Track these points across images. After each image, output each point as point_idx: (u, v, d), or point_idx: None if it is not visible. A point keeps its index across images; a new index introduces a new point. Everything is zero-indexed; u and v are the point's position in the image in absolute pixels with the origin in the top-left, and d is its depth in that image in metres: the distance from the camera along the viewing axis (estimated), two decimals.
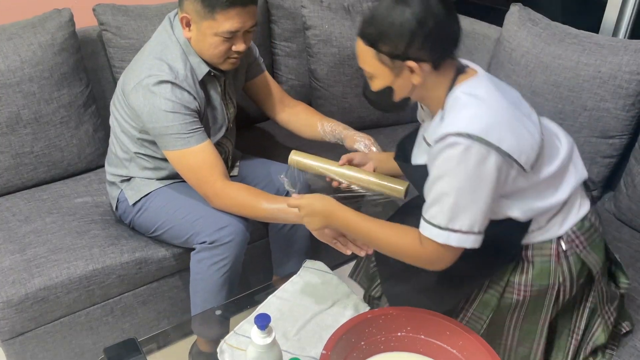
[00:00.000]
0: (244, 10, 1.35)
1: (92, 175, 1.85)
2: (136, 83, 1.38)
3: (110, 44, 1.84)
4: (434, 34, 1.02)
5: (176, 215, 1.49)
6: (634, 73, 1.58)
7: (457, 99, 1.05)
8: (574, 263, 1.16)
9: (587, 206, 1.19)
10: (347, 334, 1.15)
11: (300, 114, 1.72)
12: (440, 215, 1.05)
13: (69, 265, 1.46)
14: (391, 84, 1.09)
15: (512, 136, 1.01)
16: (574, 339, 1.23)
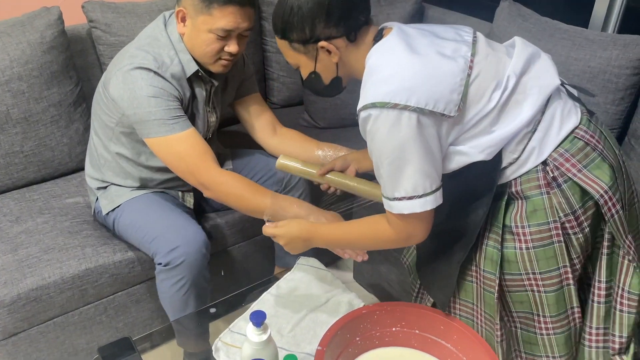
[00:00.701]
0: (240, 9, 1.33)
1: (83, 175, 1.81)
2: (117, 70, 1.36)
3: (100, 42, 1.83)
4: (335, 7, 1.02)
5: (138, 235, 1.47)
6: (623, 67, 1.59)
7: (367, 69, 1.03)
8: (570, 190, 1.04)
9: (574, 120, 1.06)
10: (342, 329, 1.16)
11: (294, 140, 1.63)
12: (384, 188, 1.04)
13: (61, 264, 1.45)
14: (315, 69, 1.10)
15: (422, 88, 0.96)
16: (596, 299, 1.11)
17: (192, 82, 1.44)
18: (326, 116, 2.12)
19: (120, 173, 1.52)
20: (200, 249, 1.41)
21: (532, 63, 1.07)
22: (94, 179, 1.56)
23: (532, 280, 1.08)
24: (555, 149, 1.04)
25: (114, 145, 1.48)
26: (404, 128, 0.96)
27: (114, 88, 1.36)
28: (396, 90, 0.96)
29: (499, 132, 1.02)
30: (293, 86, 2.23)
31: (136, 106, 1.34)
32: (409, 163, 0.99)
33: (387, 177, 1.02)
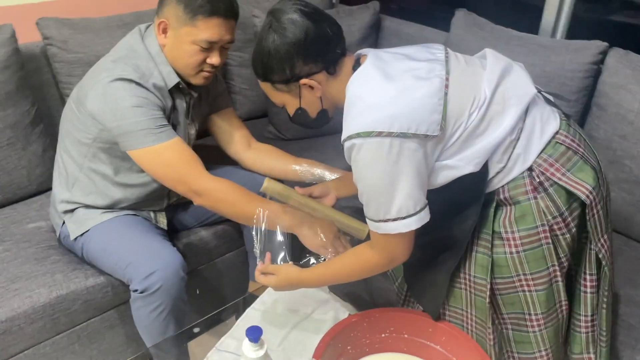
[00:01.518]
0: (224, 22, 1.34)
1: (44, 198, 1.76)
2: (94, 83, 1.32)
3: (56, 59, 1.76)
4: (310, 46, 1.05)
5: (110, 261, 1.42)
6: (575, 71, 1.68)
7: (347, 100, 1.05)
8: (556, 193, 1.07)
9: (554, 125, 1.09)
10: (334, 339, 1.16)
11: (270, 154, 1.63)
12: (370, 211, 1.07)
13: (31, 293, 1.38)
14: (300, 106, 1.13)
15: (402, 113, 0.98)
16: (588, 290, 1.15)
17: (172, 93, 1.42)
18: (291, 127, 2.12)
19: (91, 193, 1.46)
20: (178, 272, 1.37)
21: (507, 73, 1.10)
22: (62, 202, 1.49)
23: (523, 281, 1.11)
24: (539, 155, 1.07)
25: (89, 162, 1.43)
26: (389, 155, 0.98)
27: (93, 102, 1.32)
28: (378, 119, 0.98)
29: (484, 143, 1.04)
30: (256, 99, 2.22)
31: (120, 118, 1.30)
32: (395, 188, 1.01)
33: (373, 201, 1.04)
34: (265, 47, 1.07)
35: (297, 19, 1.05)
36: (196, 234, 1.67)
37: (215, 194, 1.35)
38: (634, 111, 1.55)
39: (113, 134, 1.34)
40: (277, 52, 1.06)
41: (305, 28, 1.05)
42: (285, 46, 1.05)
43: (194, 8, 1.31)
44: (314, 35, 1.05)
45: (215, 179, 1.37)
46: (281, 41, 1.05)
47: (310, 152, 2.03)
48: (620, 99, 1.58)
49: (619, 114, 1.58)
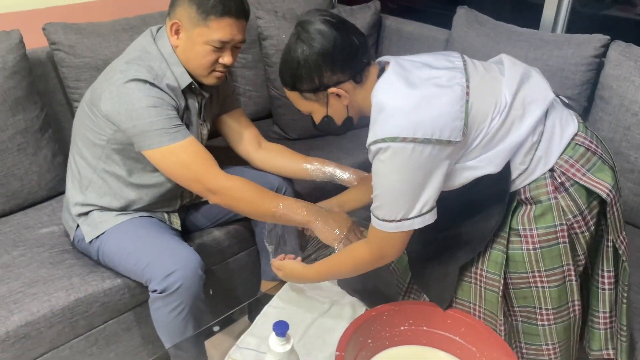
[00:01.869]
0: (236, 22, 1.36)
1: (54, 203, 1.76)
2: (108, 85, 1.33)
3: (64, 64, 1.77)
4: (338, 55, 1.08)
5: (127, 262, 1.43)
6: (578, 65, 1.71)
7: (373, 107, 1.08)
8: (577, 193, 1.11)
9: (573, 127, 1.13)
10: (356, 333, 1.17)
11: (281, 153, 1.65)
12: (377, 209, 1.11)
13: (49, 297, 1.38)
14: (327, 114, 1.16)
15: (426, 120, 1.02)
16: (607, 287, 1.19)
17: (185, 94, 1.43)
18: (296, 127, 2.14)
19: (105, 195, 1.47)
20: (197, 271, 1.39)
21: (526, 79, 1.13)
22: (76, 205, 1.49)
23: (537, 277, 1.14)
24: (560, 156, 1.10)
25: (103, 164, 1.44)
26: (412, 159, 1.02)
27: (107, 103, 1.33)
28: (403, 124, 1.01)
29: (505, 145, 1.07)
30: (259, 100, 2.23)
31: (135, 118, 1.31)
32: (414, 191, 1.06)
33: (390, 202, 1.08)
34: (295, 58, 1.09)
35: (324, 29, 1.08)
36: (209, 234, 1.68)
37: (230, 192, 1.37)
38: (637, 102, 1.58)
39: (128, 135, 1.35)
40: (306, 62, 1.08)
41: (333, 38, 1.08)
42: (314, 56, 1.08)
43: (207, 9, 1.33)
44: (341, 45, 1.08)
45: (230, 177, 1.38)
46: (310, 51, 1.08)
47: (316, 151, 2.05)
48: (624, 90, 1.61)
49: (622, 106, 1.61)
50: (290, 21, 2.07)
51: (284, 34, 2.05)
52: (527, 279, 1.16)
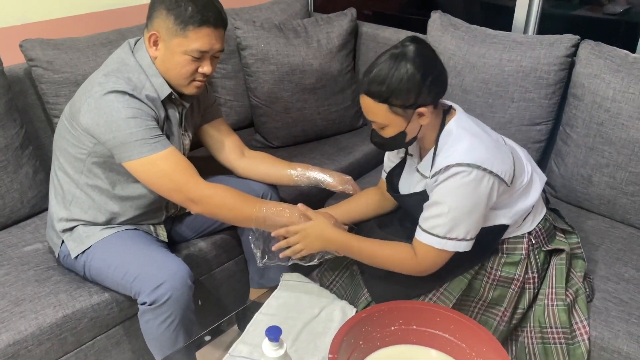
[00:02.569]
0: (214, 31, 1.37)
1: (37, 220, 1.75)
2: (87, 98, 1.33)
3: (42, 80, 1.76)
4: (435, 81, 1.20)
5: (115, 276, 1.42)
6: (551, 64, 1.76)
7: (451, 133, 1.25)
8: (539, 256, 1.38)
9: (544, 208, 1.43)
10: (348, 335, 1.18)
11: (265, 160, 1.67)
12: (439, 227, 1.24)
13: (36, 315, 1.37)
14: (404, 129, 1.24)
15: (497, 160, 1.21)
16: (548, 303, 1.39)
17: (165, 104, 1.44)
18: (279, 135, 2.15)
19: (90, 209, 1.46)
20: (186, 281, 1.38)
21: (531, 160, 1.41)
22: (60, 220, 1.48)
23: (479, 305, 1.38)
24: (537, 224, 1.38)
25: (85, 178, 1.43)
26: (483, 187, 1.20)
27: (86, 116, 1.33)
28: (483, 157, 1.20)
29: (524, 205, 1.32)
30: (241, 109, 2.24)
31: (115, 129, 1.31)
32: (473, 215, 1.22)
33: (449, 221, 1.22)
34: (398, 74, 1.16)
35: (428, 54, 1.19)
36: (195, 245, 1.68)
37: (212, 200, 1.38)
38: (609, 99, 1.63)
39: (108, 147, 1.34)
40: (409, 80, 1.16)
41: (436, 63, 1.21)
42: (418, 76, 1.16)
43: (185, 19, 1.33)
44: (439, 71, 1.21)
45: (211, 185, 1.39)
46: (414, 71, 1.16)
47: (298, 157, 2.07)
48: (595, 88, 1.66)
49: (595, 103, 1.66)
50: (268, 30, 2.09)
51: (263, 44, 2.06)
52: (470, 304, 1.37)
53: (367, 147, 2.19)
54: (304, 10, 2.38)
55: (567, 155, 1.77)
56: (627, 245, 1.62)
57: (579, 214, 1.77)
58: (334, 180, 1.62)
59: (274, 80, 2.08)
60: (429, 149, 1.31)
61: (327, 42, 2.15)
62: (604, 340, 1.35)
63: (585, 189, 1.75)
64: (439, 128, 1.28)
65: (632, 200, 1.66)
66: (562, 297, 1.36)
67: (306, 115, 2.15)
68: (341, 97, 2.21)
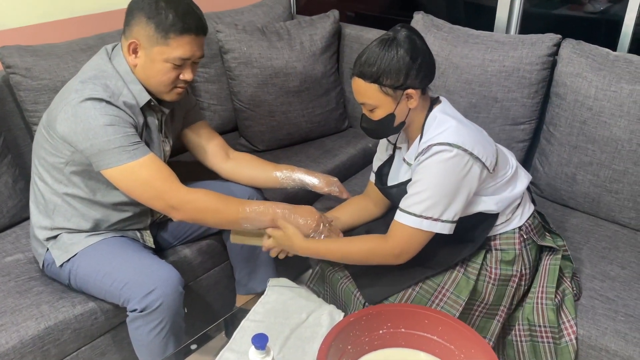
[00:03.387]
0: (196, 38, 1.36)
1: (18, 230, 1.71)
2: (64, 105, 1.31)
3: (20, 87, 1.72)
4: (423, 65, 1.25)
5: (103, 283, 1.40)
6: (533, 64, 1.77)
7: (435, 118, 1.30)
8: (532, 250, 1.40)
9: (532, 206, 1.46)
10: (336, 340, 1.17)
11: (251, 162, 1.65)
12: (415, 205, 1.26)
13: (18, 327, 1.34)
14: (393, 111, 1.28)
15: (479, 144, 1.25)
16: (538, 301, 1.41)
17: (144, 111, 1.42)
18: (264, 139, 2.14)
19: (73, 216, 1.44)
20: (177, 288, 1.37)
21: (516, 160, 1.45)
22: (43, 229, 1.46)
23: (480, 307, 1.38)
24: (526, 220, 1.40)
25: (64, 187, 1.41)
26: (463, 168, 1.23)
27: (63, 124, 1.30)
28: (465, 139, 1.24)
29: (510, 194, 1.35)
30: (224, 113, 2.22)
31: (92, 137, 1.28)
32: (452, 195, 1.24)
33: (426, 199, 1.24)
34: (388, 56, 1.22)
35: (416, 40, 1.25)
36: (180, 252, 1.66)
37: (193, 205, 1.36)
38: (591, 97, 1.64)
39: (86, 155, 1.32)
40: (398, 61, 1.22)
41: (425, 49, 1.27)
42: (407, 59, 1.22)
43: (166, 27, 1.32)
44: (428, 57, 1.27)
45: (191, 191, 1.37)
46: (404, 54, 1.22)
47: (284, 160, 2.06)
48: (577, 86, 1.67)
49: (577, 101, 1.67)
50: (250, 34, 2.07)
51: (245, 47, 2.05)
52: (472, 307, 1.37)
53: (353, 150, 2.19)
54: (286, 12, 2.37)
55: (551, 154, 1.78)
56: (612, 243, 1.63)
57: (564, 213, 1.78)
58: (320, 182, 1.61)
59: (257, 84, 2.07)
60: (415, 137, 1.35)
61: (310, 44, 2.14)
62: (592, 339, 1.35)
63: (569, 188, 1.76)
64: (425, 116, 1.32)
65: (616, 197, 1.67)
66: (551, 297, 1.37)
67: (291, 118, 2.14)
68: (325, 99, 2.20)
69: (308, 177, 1.60)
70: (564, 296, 1.40)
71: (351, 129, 2.37)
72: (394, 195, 1.41)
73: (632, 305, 1.40)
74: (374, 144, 2.25)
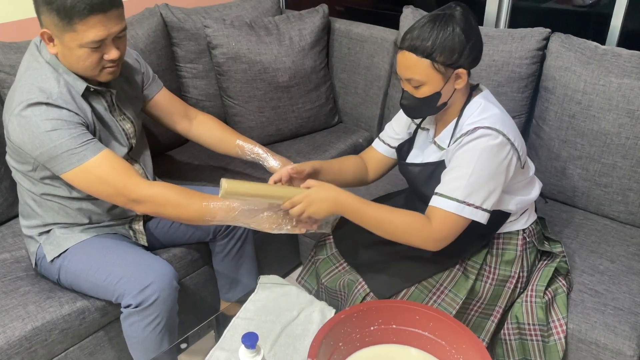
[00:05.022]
0: (105, 16, 1.24)
1: (4, 229, 1.69)
2: (9, 116, 1.27)
3: (5, 85, 1.70)
4: (476, 45, 1.24)
5: (96, 278, 1.38)
6: (522, 58, 1.77)
7: (480, 103, 1.28)
8: (532, 254, 1.41)
9: (535, 214, 1.47)
10: (327, 337, 1.16)
11: (213, 129, 1.69)
12: (458, 190, 1.23)
13: (4, 328, 1.32)
14: (440, 89, 1.25)
15: (518, 138, 1.26)
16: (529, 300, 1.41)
17: (87, 98, 1.36)
18: (253, 135, 2.12)
19: (59, 210, 1.42)
20: (172, 283, 1.37)
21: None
22: (34, 227, 1.45)
23: (476, 307, 1.37)
24: (530, 224, 1.41)
25: (41, 190, 1.39)
26: (505, 157, 1.22)
27: (13, 135, 1.27)
28: (509, 129, 1.23)
29: (528, 197, 1.36)
30: (213, 109, 2.20)
31: (39, 145, 1.25)
32: (492, 183, 1.23)
33: (469, 184, 1.22)
34: (444, 33, 1.19)
35: (472, 20, 1.24)
36: (170, 251, 1.64)
37: (155, 199, 1.32)
38: (580, 91, 1.64)
39: (40, 162, 1.30)
40: (454, 39, 1.20)
41: (477, 30, 1.25)
42: (462, 37, 1.20)
43: (68, 12, 1.21)
44: (478, 38, 1.25)
45: (152, 184, 1.34)
46: (459, 31, 1.20)
47: None
48: (566, 80, 1.67)
49: (566, 95, 1.67)
50: (239, 29, 2.05)
51: (234, 42, 2.03)
52: (469, 306, 1.35)
53: (343, 145, 2.18)
54: (275, 7, 2.35)
55: (541, 148, 1.78)
56: (602, 237, 1.64)
57: (554, 207, 1.79)
58: (277, 164, 1.59)
59: (246, 79, 2.05)
60: (450, 120, 1.33)
61: (299, 39, 2.12)
62: (582, 332, 1.36)
63: (559, 182, 1.76)
64: (465, 100, 1.31)
65: (605, 191, 1.68)
66: (540, 295, 1.37)
67: (280, 114, 2.12)
68: (315, 94, 2.19)
69: (267, 155, 1.61)
70: (556, 295, 1.40)
71: (341, 124, 2.36)
72: (415, 174, 1.38)
73: (621, 299, 1.41)
74: (364, 139, 2.25)
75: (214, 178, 1.92)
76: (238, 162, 1.79)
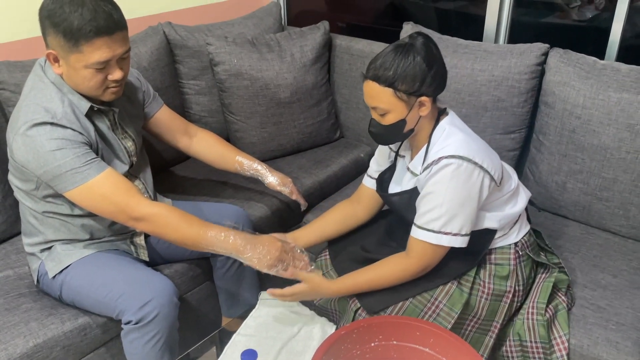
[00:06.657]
0: (110, 38, 1.27)
1: (8, 246, 1.70)
2: (14, 135, 1.29)
3: (10, 103, 1.72)
4: (438, 73, 1.27)
5: (97, 295, 1.39)
6: (522, 73, 1.78)
7: (444, 129, 1.31)
8: (527, 267, 1.40)
9: (528, 224, 1.48)
10: (326, 354, 1.16)
11: (213, 146, 1.73)
12: (434, 222, 1.27)
13: (6, 345, 1.32)
14: (404, 117, 1.28)
15: (487, 157, 1.27)
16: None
17: (91, 117, 1.38)
18: (255, 150, 2.14)
19: (61, 227, 1.44)
20: (172, 299, 1.37)
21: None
22: (36, 245, 1.46)
23: (472, 322, 1.37)
24: (522, 237, 1.41)
25: (42, 207, 1.41)
26: (474, 181, 1.25)
27: (17, 154, 1.30)
28: (474, 151, 1.25)
29: (511, 212, 1.36)
30: (216, 125, 2.22)
31: (43, 164, 1.27)
32: (466, 209, 1.26)
33: (443, 214, 1.25)
34: (405, 62, 1.23)
35: (433, 49, 1.27)
36: (172, 267, 1.64)
37: (156, 219, 1.34)
38: (579, 106, 1.65)
39: (44, 181, 1.32)
40: (414, 67, 1.23)
41: (440, 58, 1.28)
42: (424, 66, 1.23)
43: (74, 34, 1.24)
44: (442, 67, 1.28)
45: (154, 204, 1.36)
46: (420, 60, 1.23)
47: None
48: (566, 95, 1.68)
49: (566, 110, 1.68)
50: (241, 46, 2.08)
51: (236, 59, 2.05)
52: (465, 322, 1.36)
53: (345, 160, 2.19)
54: (276, 24, 2.38)
55: (541, 163, 1.79)
56: (603, 252, 1.63)
57: (555, 221, 1.79)
58: (275, 180, 1.67)
59: (248, 96, 2.07)
60: (421, 147, 1.35)
61: (301, 55, 2.14)
62: (584, 348, 1.35)
63: (560, 196, 1.76)
64: (433, 125, 1.33)
65: (606, 205, 1.68)
66: (542, 312, 1.36)
67: (282, 130, 2.14)
68: (317, 110, 2.20)
69: (266, 172, 1.69)
70: (557, 311, 1.39)
71: (343, 139, 2.37)
72: (396, 203, 1.42)
73: (624, 314, 1.40)
74: (365, 154, 2.26)
75: (215, 193, 1.93)
76: (238, 177, 1.81)
